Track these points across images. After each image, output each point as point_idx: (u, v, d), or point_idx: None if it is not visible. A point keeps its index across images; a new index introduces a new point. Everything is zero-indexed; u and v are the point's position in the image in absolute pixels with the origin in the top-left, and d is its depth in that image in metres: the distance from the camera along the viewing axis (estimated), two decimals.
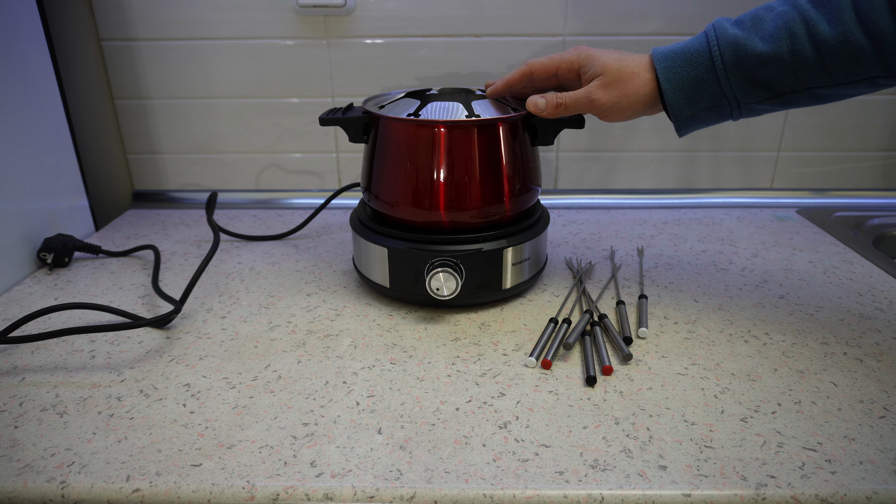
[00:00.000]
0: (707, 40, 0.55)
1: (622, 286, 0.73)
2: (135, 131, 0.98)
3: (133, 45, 0.92)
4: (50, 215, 0.81)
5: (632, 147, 0.99)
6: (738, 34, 0.53)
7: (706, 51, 0.55)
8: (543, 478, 0.45)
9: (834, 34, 0.50)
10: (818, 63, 0.52)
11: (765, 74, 0.53)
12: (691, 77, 0.55)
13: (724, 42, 0.54)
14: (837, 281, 0.74)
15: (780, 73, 0.53)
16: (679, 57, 0.56)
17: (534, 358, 0.58)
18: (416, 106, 0.64)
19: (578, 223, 0.93)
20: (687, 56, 0.55)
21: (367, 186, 0.69)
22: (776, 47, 0.52)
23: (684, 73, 0.55)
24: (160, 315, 0.63)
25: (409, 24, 0.91)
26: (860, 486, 0.44)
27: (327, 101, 0.96)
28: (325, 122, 0.67)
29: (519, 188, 0.66)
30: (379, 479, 0.45)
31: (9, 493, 0.44)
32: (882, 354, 0.60)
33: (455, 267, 0.63)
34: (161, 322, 0.63)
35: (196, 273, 0.67)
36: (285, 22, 0.91)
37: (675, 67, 0.56)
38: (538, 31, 0.91)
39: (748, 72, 0.54)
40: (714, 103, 0.56)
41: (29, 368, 0.58)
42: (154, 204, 1.01)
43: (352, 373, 0.57)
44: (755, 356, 0.59)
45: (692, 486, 0.44)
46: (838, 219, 0.94)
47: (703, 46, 0.55)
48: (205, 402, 0.53)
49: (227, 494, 0.44)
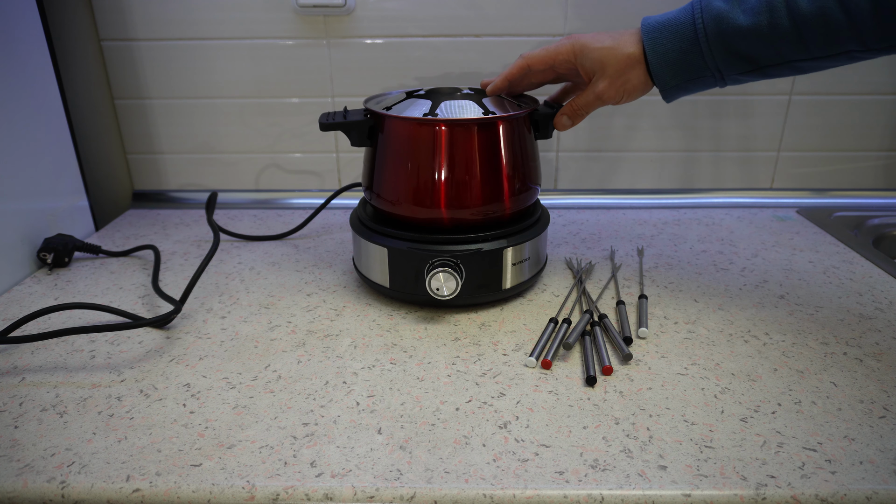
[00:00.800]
0: (693, 13, 0.56)
1: (622, 286, 0.73)
2: (135, 131, 0.98)
3: (133, 45, 0.92)
4: (50, 215, 0.81)
5: (632, 147, 0.99)
6: (721, 7, 0.54)
7: (690, 23, 0.56)
8: (543, 478, 0.45)
9: (812, 8, 0.51)
10: (796, 36, 0.53)
11: (745, 47, 0.55)
12: (676, 49, 0.57)
13: (708, 15, 0.55)
14: (837, 281, 0.74)
15: (760, 46, 0.54)
16: (665, 29, 0.57)
17: (534, 358, 0.58)
18: (425, 105, 0.64)
19: (578, 223, 0.93)
20: (672, 28, 0.57)
21: (369, 186, 0.69)
22: (756, 20, 0.53)
23: (669, 44, 0.57)
24: (160, 315, 0.63)
25: (408, 24, 0.91)
26: (860, 486, 0.44)
27: (327, 101, 0.96)
28: (326, 127, 0.65)
29: (520, 186, 0.67)
30: (379, 479, 0.45)
31: (9, 493, 0.44)
32: (882, 354, 0.60)
33: (455, 267, 0.63)
34: (161, 322, 0.63)
35: (196, 273, 0.67)
36: (285, 22, 0.91)
37: (661, 39, 0.57)
38: (538, 31, 0.91)
39: (730, 45, 0.55)
40: (698, 74, 0.58)
41: (29, 368, 0.58)
42: (154, 204, 1.01)
43: (352, 373, 0.57)
44: (755, 356, 0.59)
45: (692, 486, 0.44)
46: (838, 219, 0.94)
47: (689, 18, 0.56)
48: (205, 402, 0.53)
49: (227, 494, 0.44)
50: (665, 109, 0.95)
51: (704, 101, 0.95)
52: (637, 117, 0.96)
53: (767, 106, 0.96)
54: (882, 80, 0.93)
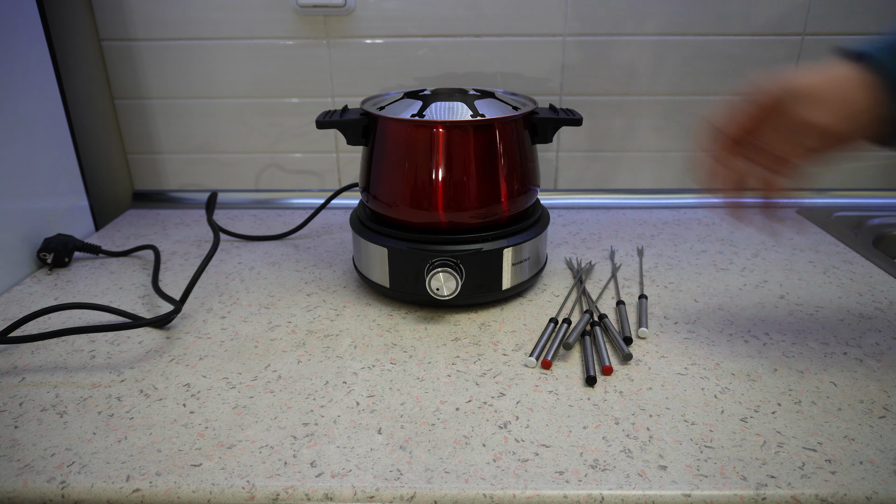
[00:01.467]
0: None
1: (622, 286, 0.73)
2: (135, 131, 0.98)
3: (133, 45, 0.92)
4: (50, 215, 0.81)
5: (632, 147, 0.99)
6: None
7: None
8: (543, 478, 0.45)
9: None
10: None
11: None
12: None
13: None
14: (837, 281, 0.74)
15: None
16: None
17: (534, 358, 0.58)
18: (417, 106, 0.64)
19: (578, 223, 0.93)
20: None
21: (366, 187, 0.68)
22: None
23: None
24: (160, 315, 0.63)
25: (408, 25, 0.91)
26: (860, 486, 0.44)
27: (327, 101, 0.96)
28: (321, 125, 0.66)
29: (518, 188, 0.66)
30: (379, 479, 0.45)
31: (9, 493, 0.44)
32: (882, 354, 0.60)
33: (455, 267, 0.63)
34: (161, 322, 0.63)
35: (196, 273, 0.67)
36: (285, 22, 0.91)
37: None
38: (538, 31, 0.91)
39: None
40: None
41: (29, 368, 0.58)
42: (154, 204, 1.01)
43: (352, 373, 0.57)
44: (755, 356, 0.59)
45: (692, 486, 0.44)
46: (838, 219, 0.94)
47: None
48: (205, 402, 0.53)
49: (227, 494, 0.44)
50: (665, 109, 0.95)
51: (704, 101, 0.95)
52: (637, 117, 0.96)
53: None
54: None
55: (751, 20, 0.90)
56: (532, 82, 0.94)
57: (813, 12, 0.89)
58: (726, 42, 0.91)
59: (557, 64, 0.93)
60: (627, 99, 0.95)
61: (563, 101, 0.95)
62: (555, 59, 0.93)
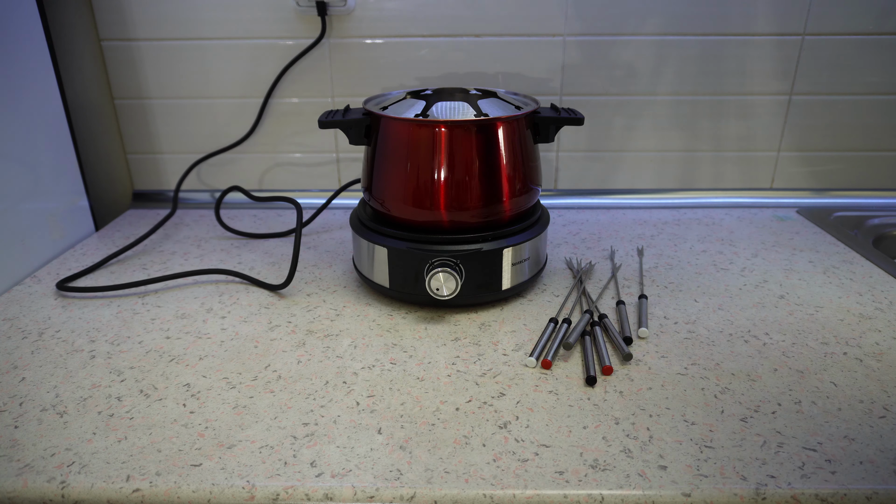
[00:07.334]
0: None
1: (622, 286, 0.73)
2: (135, 131, 0.98)
3: (133, 45, 0.92)
4: (50, 215, 0.81)
5: (632, 147, 0.99)
6: None
7: None
8: (543, 478, 0.45)
9: None
10: None
11: None
12: None
13: None
14: (837, 281, 0.74)
15: None
16: None
17: (534, 358, 0.58)
18: (420, 106, 0.64)
19: (578, 223, 0.93)
20: None
21: (368, 187, 0.69)
22: None
23: None
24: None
25: (409, 25, 0.91)
26: (860, 486, 0.44)
27: (327, 101, 0.96)
28: (324, 125, 0.66)
29: (520, 188, 0.67)
30: (379, 479, 0.45)
31: (9, 493, 0.44)
32: (882, 354, 0.60)
33: (455, 267, 0.63)
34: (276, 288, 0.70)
35: (296, 243, 0.66)
36: (285, 22, 0.91)
37: None
38: (538, 31, 0.91)
39: None
40: None
41: (29, 368, 0.58)
42: (154, 204, 1.01)
43: (352, 373, 0.57)
44: (755, 356, 0.59)
45: (692, 486, 0.44)
46: (838, 219, 0.94)
47: None
48: (205, 402, 0.53)
49: (227, 494, 0.44)
50: (665, 109, 0.95)
51: (704, 101, 0.95)
52: (637, 117, 0.96)
53: (767, 106, 0.96)
54: (882, 80, 0.93)
55: (751, 20, 0.90)
56: (533, 82, 0.94)
57: (813, 12, 0.90)
58: (726, 42, 0.91)
59: (558, 64, 0.93)
60: (627, 99, 0.95)
61: (563, 101, 0.95)
62: (555, 59, 0.93)
